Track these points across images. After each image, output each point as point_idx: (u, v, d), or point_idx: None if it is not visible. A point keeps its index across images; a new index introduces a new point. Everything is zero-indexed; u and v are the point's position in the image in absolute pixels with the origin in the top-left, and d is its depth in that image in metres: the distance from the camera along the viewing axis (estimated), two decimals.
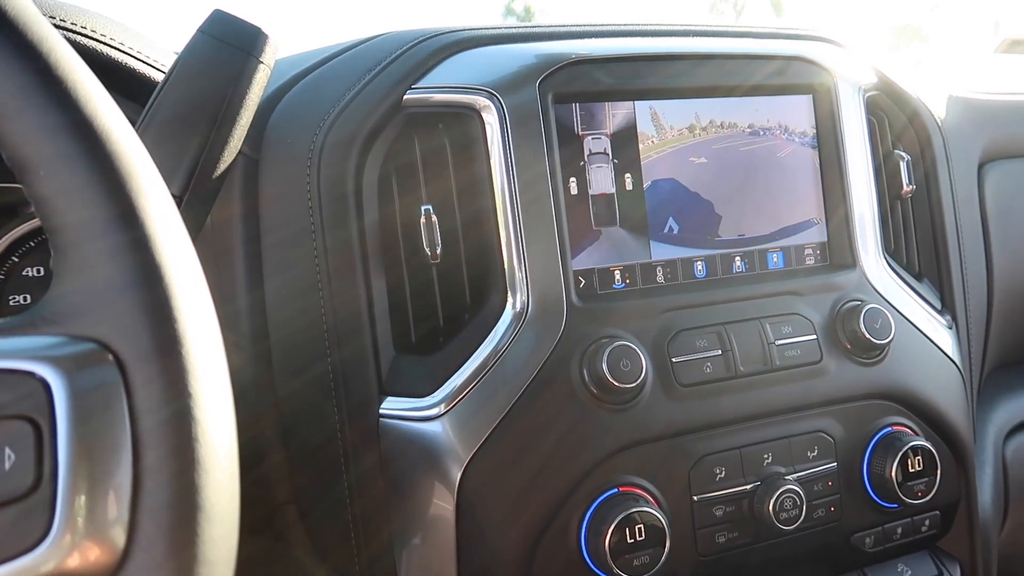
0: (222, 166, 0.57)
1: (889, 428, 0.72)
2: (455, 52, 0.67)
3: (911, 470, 0.71)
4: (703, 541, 0.66)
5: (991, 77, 1.06)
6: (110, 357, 0.32)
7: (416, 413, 0.62)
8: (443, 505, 0.61)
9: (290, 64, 0.73)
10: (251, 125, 0.64)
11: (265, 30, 0.56)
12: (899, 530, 0.74)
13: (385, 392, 0.63)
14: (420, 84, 0.65)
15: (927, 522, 0.75)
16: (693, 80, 0.71)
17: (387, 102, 0.64)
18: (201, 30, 0.56)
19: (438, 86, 0.65)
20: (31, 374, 0.31)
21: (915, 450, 0.71)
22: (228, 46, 0.55)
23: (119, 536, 0.31)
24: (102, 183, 0.33)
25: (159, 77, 0.66)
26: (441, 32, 0.69)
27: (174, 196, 0.54)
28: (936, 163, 0.82)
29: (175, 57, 0.57)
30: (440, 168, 0.65)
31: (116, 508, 0.31)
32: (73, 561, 0.30)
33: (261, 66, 0.56)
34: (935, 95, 0.87)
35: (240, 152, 0.64)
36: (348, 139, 0.63)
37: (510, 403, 0.61)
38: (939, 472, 0.72)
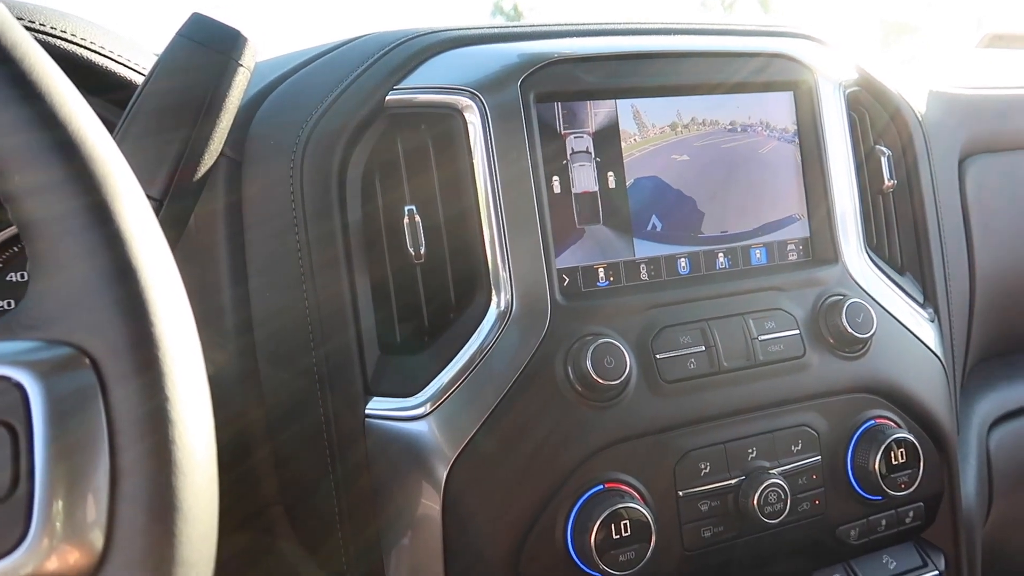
0: (203, 168, 0.57)
1: (872, 421, 0.73)
2: (437, 52, 0.68)
3: (894, 462, 0.71)
4: (689, 536, 0.67)
5: (973, 72, 1.07)
6: (86, 361, 0.32)
7: (402, 413, 0.62)
8: (430, 504, 0.61)
9: (272, 67, 0.73)
10: (233, 128, 0.64)
11: (244, 32, 0.56)
12: (883, 522, 0.75)
13: (371, 392, 0.63)
14: (402, 85, 0.65)
15: (911, 514, 0.76)
16: (674, 78, 0.71)
17: (370, 103, 0.64)
18: (180, 33, 0.56)
19: (420, 86, 0.66)
20: (7, 379, 0.31)
21: (898, 442, 0.71)
22: (207, 49, 0.55)
23: (97, 538, 0.31)
24: (75, 184, 0.33)
25: (140, 80, 0.66)
26: (423, 33, 0.69)
27: (155, 198, 0.54)
28: (917, 158, 0.83)
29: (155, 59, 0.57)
30: (423, 168, 0.65)
31: (94, 511, 0.31)
32: (51, 564, 0.30)
33: (240, 68, 0.56)
34: (916, 91, 0.88)
35: (222, 154, 0.64)
36: (332, 136, 0.63)
37: (495, 402, 0.61)
38: (922, 464, 0.72)
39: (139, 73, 0.67)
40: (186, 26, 0.56)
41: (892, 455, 0.71)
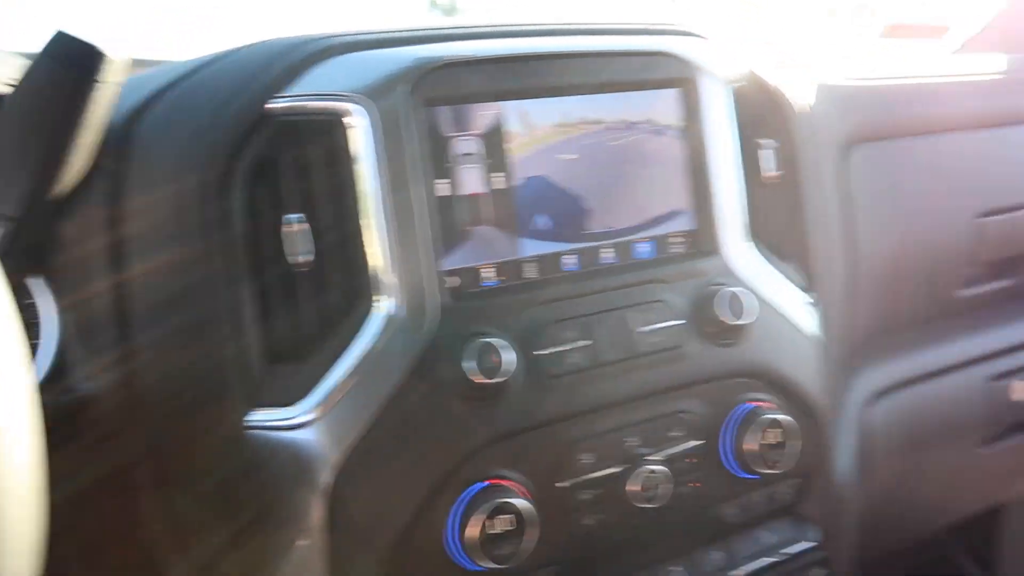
0: (63, 185, 0.57)
1: (749, 404, 0.76)
2: (324, 58, 0.68)
3: (769, 443, 0.75)
4: (572, 525, 0.69)
5: (866, 62, 1.11)
6: None
7: (286, 422, 0.63)
8: (314, 514, 0.62)
9: (158, 75, 0.72)
10: (115, 139, 0.64)
11: (103, 49, 0.56)
12: (760, 500, 0.78)
13: (255, 404, 0.64)
14: (289, 92, 0.66)
15: (787, 491, 0.80)
16: (560, 79, 0.73)
17: (254, 111, 0.65)
18: (42, 51, 0.56)
19: (307, 93, 0.66)
20: None
21: (773, 423, 0.75)
22: (64, 67, 0.55)
23: None
24: None
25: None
26: (311, 39, 0.69)
27: (10, 217, 0.54)
28: (798, 149, 0.86)
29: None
30: (309, 175, 0.66)
31: None
32: None
33: (102, 85, 0.57)
34: (799, 83, 0.91)
35: (100, 167, 0.64)
36: (214, 148, 0.64)
37: (379, 406, 0.63)
38: (796, 443, 0.76)
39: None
40: (49, 44, 0.56)
41: (766, 435, 0.75)
